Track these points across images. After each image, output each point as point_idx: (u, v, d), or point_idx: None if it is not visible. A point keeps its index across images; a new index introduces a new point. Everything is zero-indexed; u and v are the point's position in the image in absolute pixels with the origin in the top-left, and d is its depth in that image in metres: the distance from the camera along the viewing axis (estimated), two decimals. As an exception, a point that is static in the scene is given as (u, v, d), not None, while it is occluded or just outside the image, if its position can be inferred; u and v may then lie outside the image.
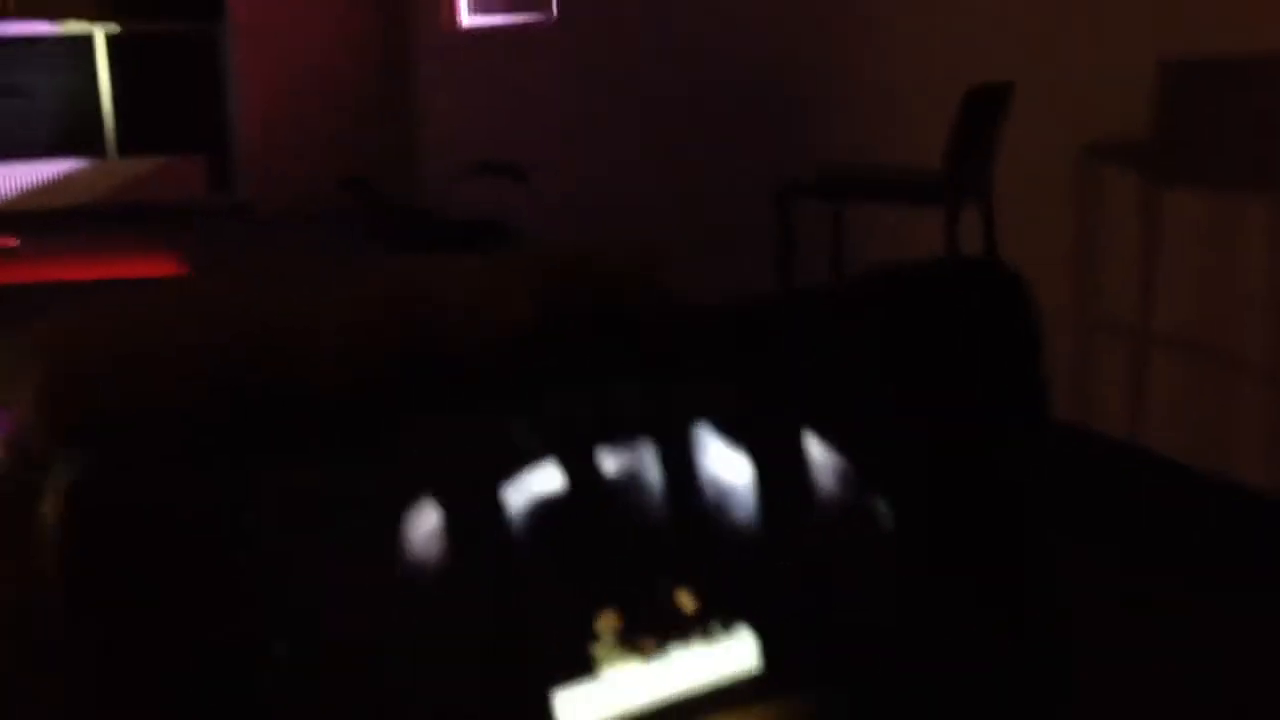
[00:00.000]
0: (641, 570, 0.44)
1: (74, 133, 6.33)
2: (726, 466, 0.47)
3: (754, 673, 0.49)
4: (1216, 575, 2.38)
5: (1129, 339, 2.90)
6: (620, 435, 0.41)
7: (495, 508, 0.36)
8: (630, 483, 0.44)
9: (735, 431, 0.45)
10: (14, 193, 6.16)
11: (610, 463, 0.42)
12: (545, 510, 0.40)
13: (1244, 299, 2.57)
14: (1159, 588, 2.34)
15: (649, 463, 0.46)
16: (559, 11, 5.34)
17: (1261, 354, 2.56)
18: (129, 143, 6.23)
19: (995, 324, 0.42)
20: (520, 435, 0.37)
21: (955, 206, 2.58)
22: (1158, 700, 1.95)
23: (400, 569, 0.33)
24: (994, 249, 2.85)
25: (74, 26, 6.66)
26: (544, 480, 0.42)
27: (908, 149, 3.31)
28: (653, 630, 0.51)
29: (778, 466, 0.45)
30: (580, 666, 0.45)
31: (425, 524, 0.34)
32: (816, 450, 0.45)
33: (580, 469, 0.40)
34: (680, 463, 0.47)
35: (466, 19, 6.36)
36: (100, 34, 6.70)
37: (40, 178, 6.06)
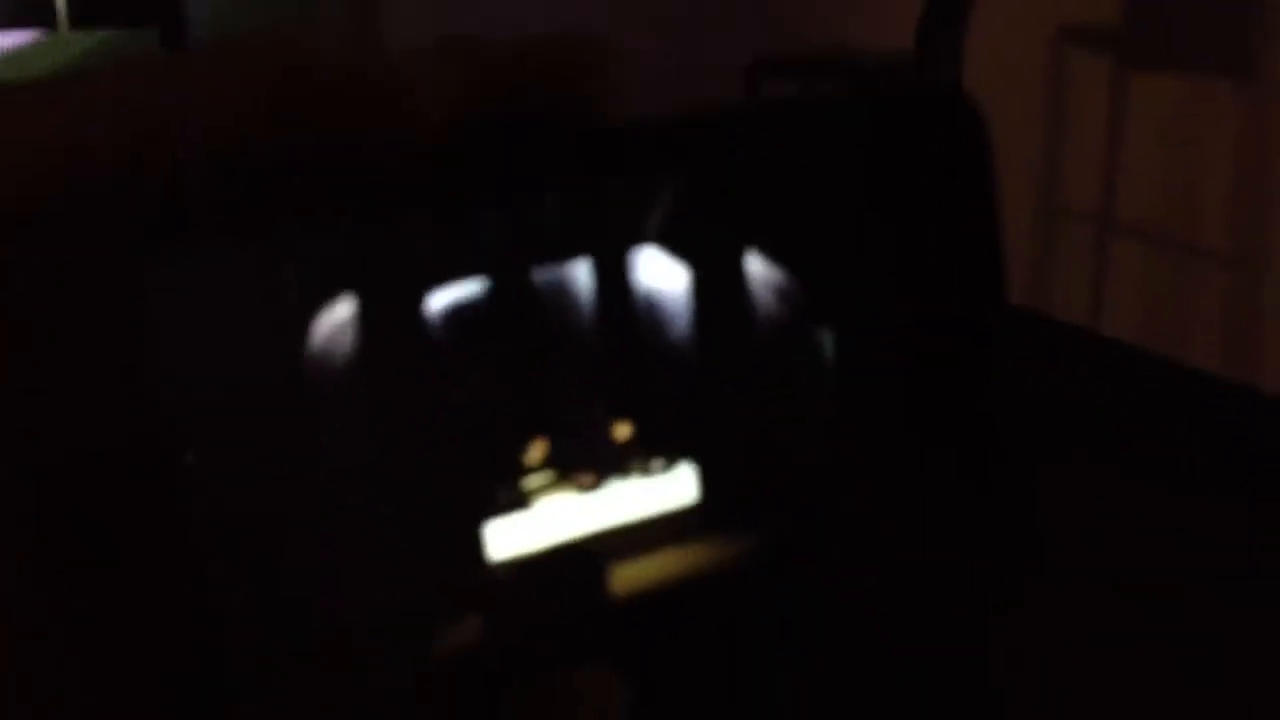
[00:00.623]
0: (574, 398, 0.42)
1: (25, 5, 6.15)
2: (666, 290, 0.46)
3: (692, 507, 0.49)
4: (1172, 462, 2.42)
5: (1091, 225, 2.91)
6: (552, 251, 0.39)
7: (414, 321, 0.34)
8: (563, 304, 0.43)
9: (676, 252, 0.44)
10: (-38, 66, 6.00)
11: (541, 281, 0.40)
12: (470, 329, 0.39)
13: (1207, 186, 2.58)
14: (1112, 476, 2.38)
15: (583, 283, 0.44)
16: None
17: (1222, 240, 2.58)
18: (81, 14, 6.06)
19: (954, 155, 0.41)
20: (444, 244, 0.35)
21: (924, 87, 2.56)
22: (1111, 594, 1.99)
23: (308, 381, 0.31)
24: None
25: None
26: (469, 296, 0.40)
27: (878, 29, 3.26)
28: (587, 462, 0.51)
29: (719, 291, 0.43)
30: (511, 498, 0.44)
31: (336, 337, 0.33)
32: (760, 275, 0.43)
33: (508, 287, 0.38)
34: (617, 284, 0.45)
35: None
36: (48, -101, 6.48)
37: (-11, 50, 5.90)
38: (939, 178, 0.42)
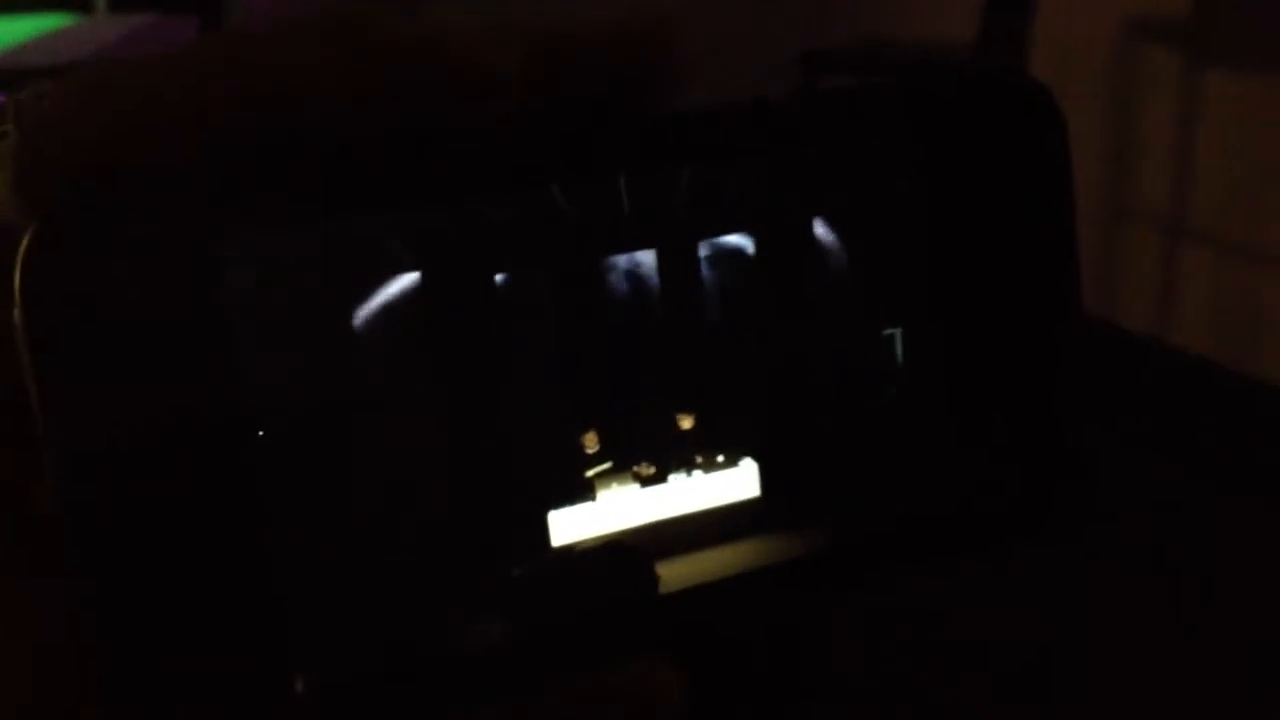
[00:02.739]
0: (638, 388, 0.43)
1: (62, -12, 6.23)
2: (733, 282, 0.46)
3: (753, 502, 0.49)
4: (1242, 473, 2.39)
5: (1159, 229, 2.87)
6: (619, 238, 0.40)
7: (480, 303, 0.35)
8: (629, 292, 0.43)
9: (744, 243, 0.44)
10: (1, 50, 6.08)
11: (607, 268, 0.41)
12: (535, 313, 0.39)
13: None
14: (1181, 485, 2.35)
15: (649, 272, 0.45)
16: None
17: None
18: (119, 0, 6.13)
19: (1031, 146, 0.41)
20: (513, 227, 0.36)
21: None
22: (1172, 597, 1.97)
23: (374, 360, 0.32)
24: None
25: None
26: (533, 280, 0.41)
27: (938, 19, 3.24)
28: (646, 453, 0.51)
29: (787, 284, 0.43)
30: (568, 486, 0.45)
31: (403, 316, 0.33)
32: (828, 269, 0.44)
33: (575, 272, 0.39)
34: (684, 274, 0.45)
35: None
36: (88, -119, 6.56)
37: (28, 34, 5.98)
38: (1015, 168, 0.41)
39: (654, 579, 0.38)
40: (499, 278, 0.42)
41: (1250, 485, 2.34)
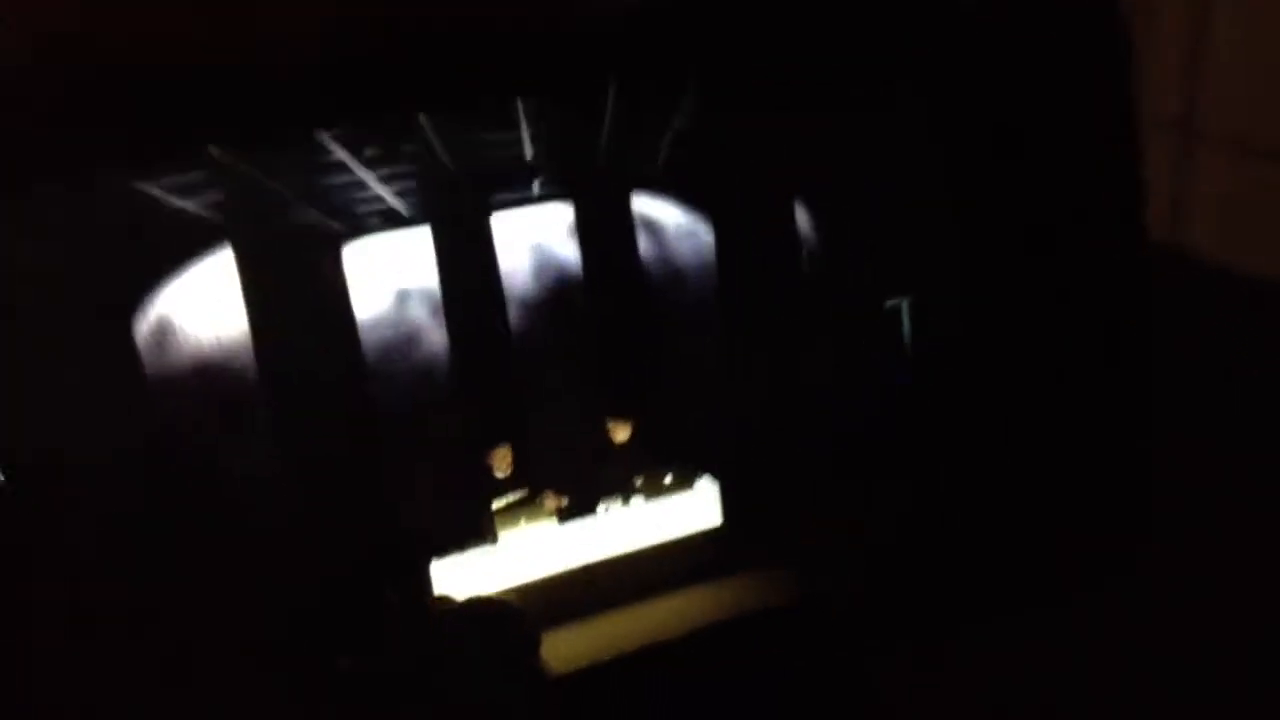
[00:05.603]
0: (556, 389, 0.30)
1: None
2: (682, 245, 0.34)
3: (712, 534, 0.37)
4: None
5: (1173, 134, 2.79)
6: (522, 190, 0.27)
7: (331, 281, 0.22)
8: (542, 264, 0.30)
9: (697, 194, 0.32)
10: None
11: (507, 231, 0.28)
12: (410, 298, 0.26)
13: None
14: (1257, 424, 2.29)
15: (564, 235, 0.32)
16: None
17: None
18: None
19: (1094, 59, 0.29)
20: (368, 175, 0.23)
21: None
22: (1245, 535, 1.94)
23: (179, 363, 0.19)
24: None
25: None
26: (410, 251, 0.29)
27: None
28: (568, 475, 0.39)
29: (759, 248, 0.31)
30: (469, 527, 0.32)
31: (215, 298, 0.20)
32: (813, 229, 0.31)
33: (464, 236, 0.26)
34: (616, 241, 0.33)
35: None
36: None
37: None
38: (1075, 83, 0.31)
39: (535, 654, 0.26)
40: (353, 240, 0.30)
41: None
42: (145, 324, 5.53)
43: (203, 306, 5.75)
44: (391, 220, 6.02)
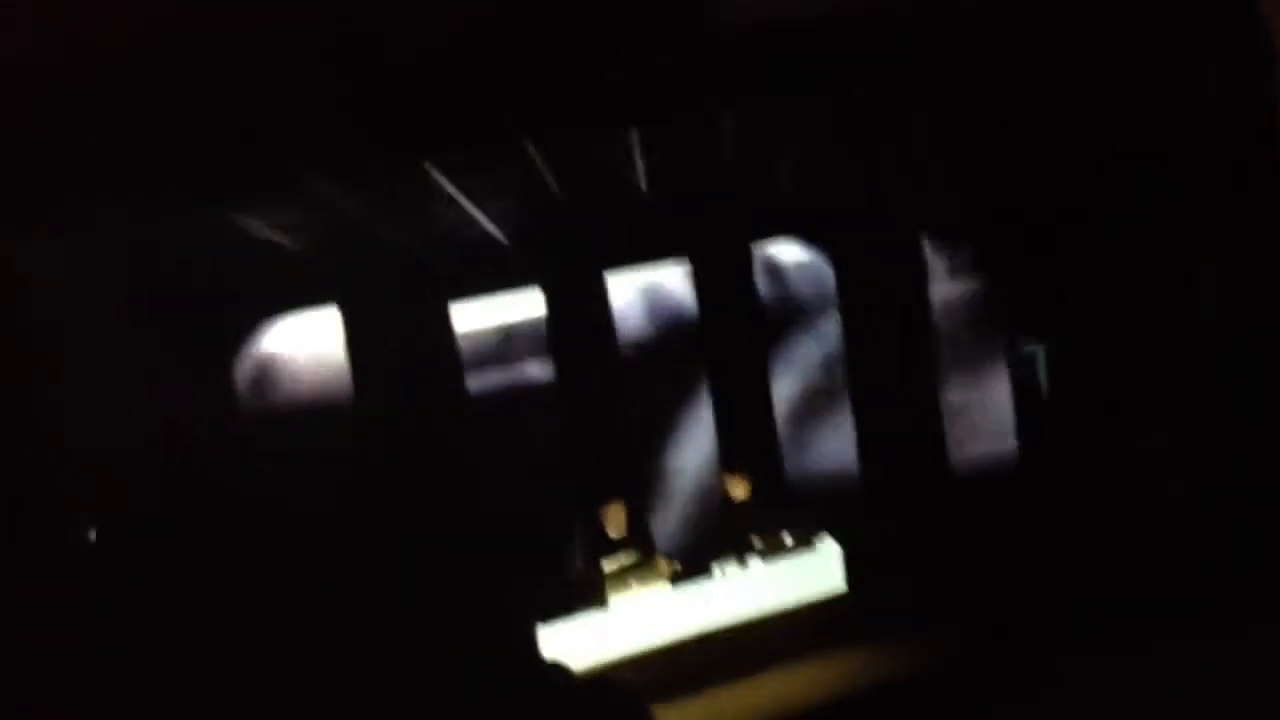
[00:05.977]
0: (671, 442, 0.28)
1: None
2: (803, 287, 0.32)
3: (837, 600, 0.35)
4: None
5: None
6: (643, 246, 0.25)
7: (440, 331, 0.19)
8: (651, 304, 0.28)
9: (820, 232, 0.30)
10: None
11: (618, 284, 0.26)
12: (510, 348, 0.24)
13: None
14: None
15: (679, 278, 0.30)
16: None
17: None
18: None
19: (1238, 60, 0.27)
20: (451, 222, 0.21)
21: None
22: None
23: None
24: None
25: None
26: (519, 290, 0.27)
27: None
28: (689, 534, 0.37)
29: (884, 289, 0.28)
30: (578, 592, 0.30)
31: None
32: (945, 277, 0.28)
33: (575, 275, 0.24)
34: (731, 279, 0.30)
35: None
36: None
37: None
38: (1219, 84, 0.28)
39: None
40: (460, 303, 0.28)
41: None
42: (245, 365, 5.51)
43: (303, 347, 5.84)
44: (499, 258, 5.95)
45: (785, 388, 6.13)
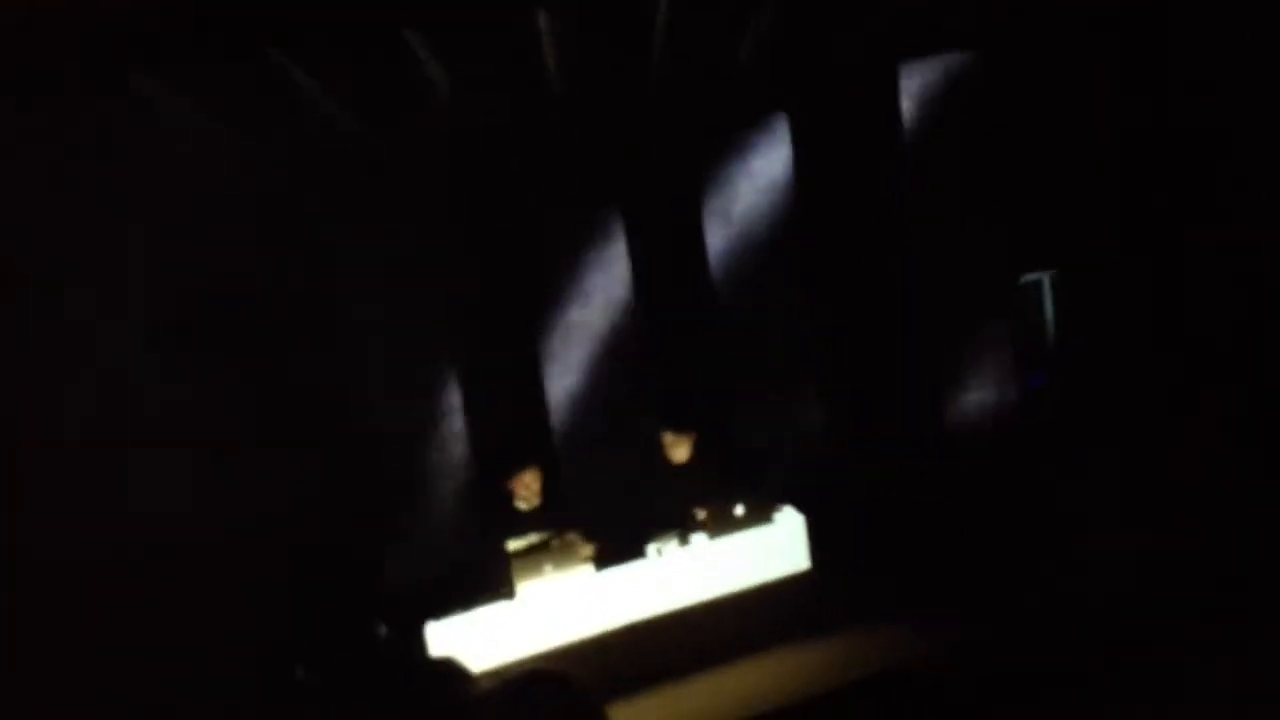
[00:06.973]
0: (602, 398, 0.08)
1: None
2: (757, 221, 0.09)
3: (799, 579, 0.06)
4: None
5: None
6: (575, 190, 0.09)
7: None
8: (592, 258, 0.10)
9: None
10: None
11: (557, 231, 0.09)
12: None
13: None
14: None
15: (618, 231, 0.09)
16: None
17: None
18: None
19: None
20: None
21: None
22: None
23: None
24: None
25: None
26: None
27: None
28: (615, 506, 0.07)
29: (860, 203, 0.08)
30: (477, 578, 0.09)
31: None
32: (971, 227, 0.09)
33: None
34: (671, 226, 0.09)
35: None
36: None
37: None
38: None
39: None
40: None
41: None
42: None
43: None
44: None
45: (738, 328, 5.37)
